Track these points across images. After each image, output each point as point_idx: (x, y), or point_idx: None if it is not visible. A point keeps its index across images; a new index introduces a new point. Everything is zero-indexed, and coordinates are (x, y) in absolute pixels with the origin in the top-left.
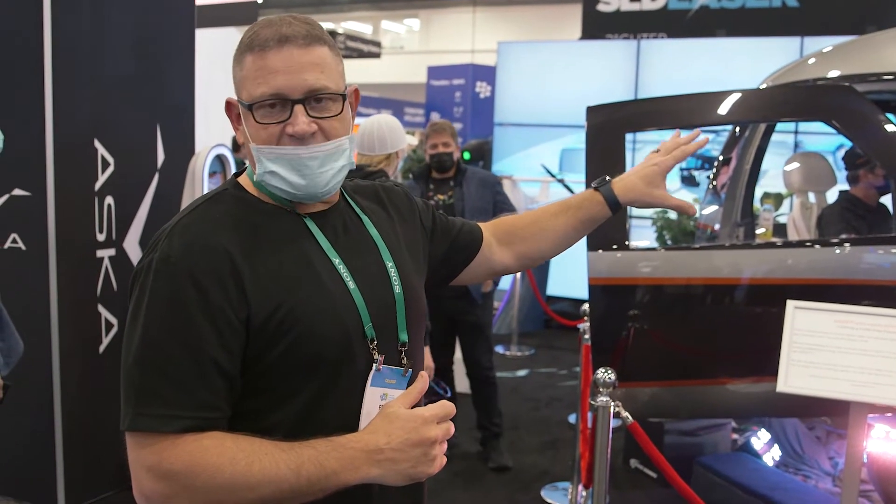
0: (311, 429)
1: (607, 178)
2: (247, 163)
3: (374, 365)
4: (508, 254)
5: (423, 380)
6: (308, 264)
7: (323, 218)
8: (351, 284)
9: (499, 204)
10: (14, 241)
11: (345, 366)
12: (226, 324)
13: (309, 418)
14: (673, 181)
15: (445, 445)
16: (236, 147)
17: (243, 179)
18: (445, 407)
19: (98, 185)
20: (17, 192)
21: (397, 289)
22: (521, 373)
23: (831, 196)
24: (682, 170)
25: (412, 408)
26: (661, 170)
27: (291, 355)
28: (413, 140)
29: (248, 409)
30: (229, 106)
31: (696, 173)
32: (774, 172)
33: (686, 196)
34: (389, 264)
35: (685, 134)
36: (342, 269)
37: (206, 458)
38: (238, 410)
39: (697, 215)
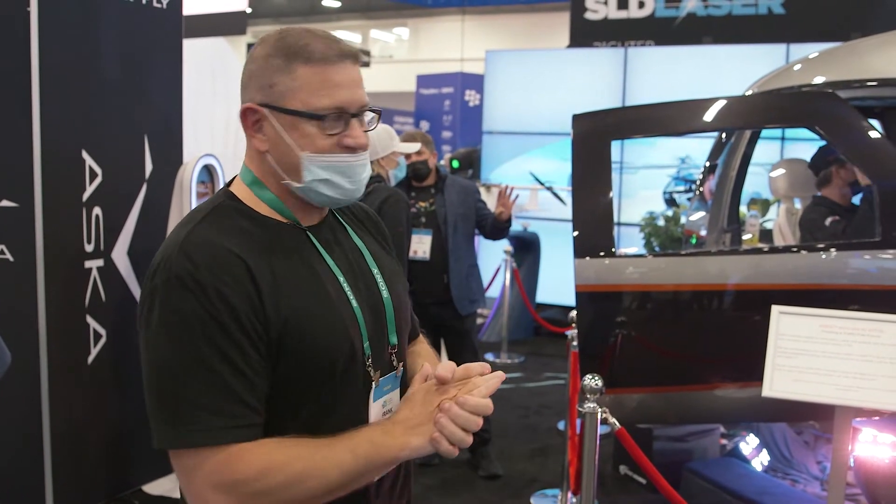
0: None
1: None
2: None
3: (373, 383)
4: None
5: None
6: (317, 279)
7: (320, 232)
8: (354, 303)
9: (480, 210)
10: (2, 252)
11: (350, 379)
12: (254, 331)
13: (316, 429)
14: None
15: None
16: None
17: (237, 191)
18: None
19: (86, 196)
20: (5, 203)
21: (385, 293)
22: (511, 380)
23: None
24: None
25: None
26: None
27: (301, 367)
28: (414, 147)
29: None
30: (249, 112)
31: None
32: None
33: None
34: (375, 270)
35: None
36: (346, 287)
37: (275, 457)
38: None
39: (683, 222)
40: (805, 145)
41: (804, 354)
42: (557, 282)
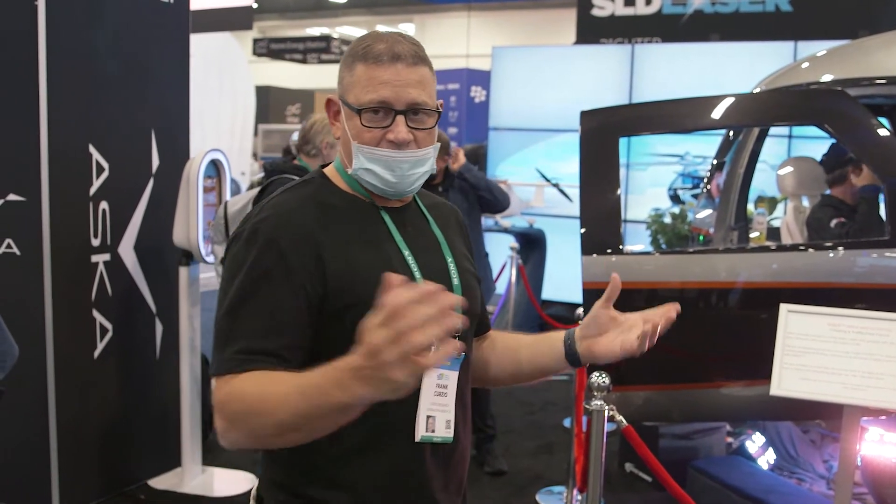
0: (371, 405)
1: (573, 338)
2: (336, 155)
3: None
4: (482, 365)
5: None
6: (382, 252)
7: (397, 213)
8: (418, 275)
9: (482, 198)
10: (8, 246)
11: None
12: (301, 288)
13: None
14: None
15: (416, 339)
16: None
17: (329, 171)
18: (394, 302)
19: (93, 191)
20: (12, 197)
21: (455, 281)
22: None
23: None
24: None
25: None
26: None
27: (354, 331)
28: None
29: None
30: (329, 103)
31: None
32: None
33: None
34: (449, 259)
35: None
36: (411, 261)
37: (239, 386)
38: None
39: (690, 219)
40: (813, 143)
41: (812, 353)
42: (563, 278)
